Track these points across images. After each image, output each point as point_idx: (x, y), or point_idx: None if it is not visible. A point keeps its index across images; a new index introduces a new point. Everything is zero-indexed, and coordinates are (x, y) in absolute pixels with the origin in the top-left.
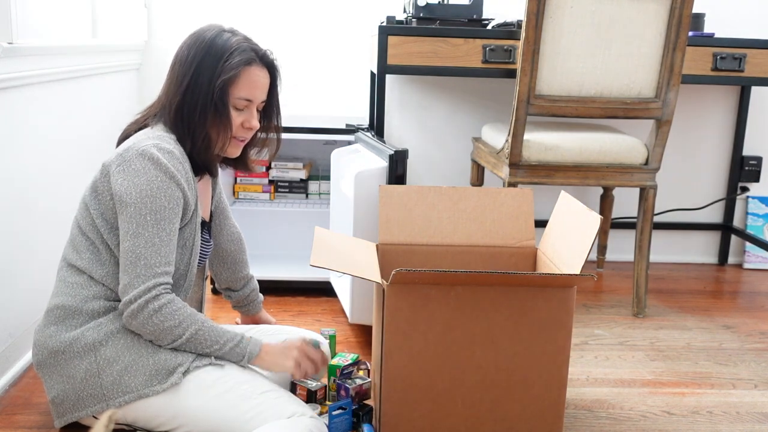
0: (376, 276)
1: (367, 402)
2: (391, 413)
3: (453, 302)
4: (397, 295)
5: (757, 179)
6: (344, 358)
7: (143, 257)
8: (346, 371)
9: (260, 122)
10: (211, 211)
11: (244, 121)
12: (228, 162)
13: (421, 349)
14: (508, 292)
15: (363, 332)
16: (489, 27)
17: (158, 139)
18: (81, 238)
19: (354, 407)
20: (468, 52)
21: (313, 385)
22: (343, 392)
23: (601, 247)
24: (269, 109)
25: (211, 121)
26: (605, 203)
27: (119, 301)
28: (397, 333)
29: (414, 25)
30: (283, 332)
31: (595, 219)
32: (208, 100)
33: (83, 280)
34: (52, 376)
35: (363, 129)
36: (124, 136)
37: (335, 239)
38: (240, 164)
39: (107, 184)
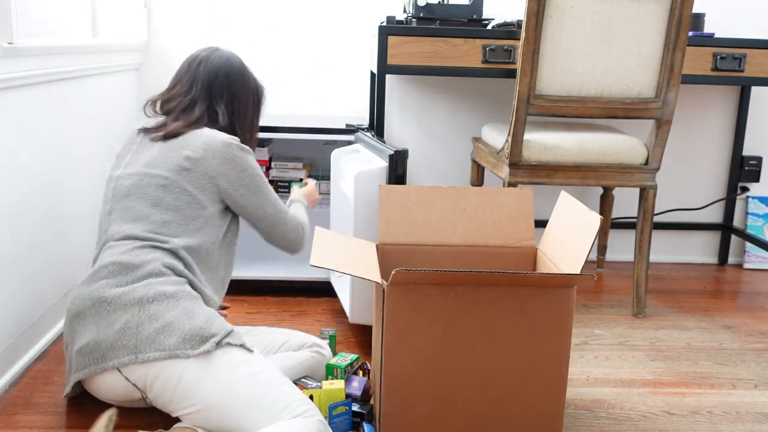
0: (376, 276)
1: (367, 402)
2: (391, 413)
3: (453, 302)
4: (397, 295)
5: (757, 179)
6: (344, 358)
7: (281, 210)
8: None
9: None
10: None
11: None
12: None
13: (421, 349)
14: (508, 292)
15: (363, 332)
16: (489, 27)
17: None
18: (154, 210)
19: (354, 407)
20: (468, 52)
21: (312, 385)
22: (355, 384)
23: (601, 247)
24: None
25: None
26: (605, 203)
27: (174, 270)
28: (397, 333)
29: (414, 25)
30: (281, 334)
31: (595, 219)
32: (259, 107)
33: (143, 246)
34: (86, 325)
35: (363, 129)
36: (174, 133)
37: (335, 239)
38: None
39: (200, 166)
